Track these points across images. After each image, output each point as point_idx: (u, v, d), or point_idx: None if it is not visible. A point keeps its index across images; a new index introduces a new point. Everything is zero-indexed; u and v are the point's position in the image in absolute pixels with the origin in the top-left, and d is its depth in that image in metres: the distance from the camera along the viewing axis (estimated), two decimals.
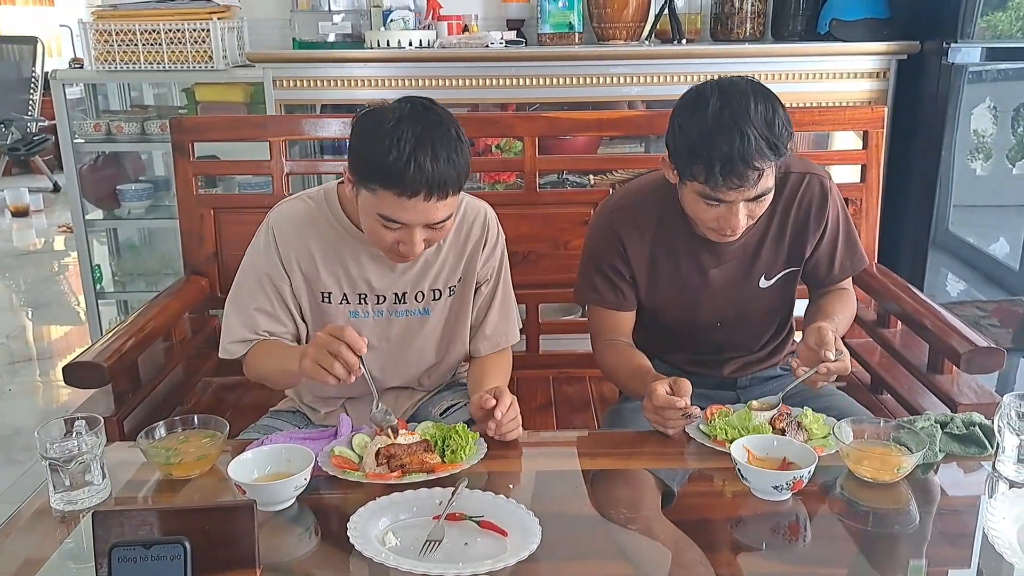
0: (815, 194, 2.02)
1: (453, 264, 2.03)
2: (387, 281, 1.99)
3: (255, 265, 1.98)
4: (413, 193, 1.70)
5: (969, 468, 1.69)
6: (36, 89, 7.77)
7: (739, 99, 1.75)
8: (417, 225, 1.77)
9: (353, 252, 1.96)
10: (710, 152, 1.73)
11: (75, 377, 2.02)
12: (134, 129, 3.85)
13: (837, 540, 1.50)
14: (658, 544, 1.50)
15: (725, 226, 1.84)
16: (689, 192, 1.84)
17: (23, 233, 7.55)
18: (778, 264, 2.05)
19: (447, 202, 1.76)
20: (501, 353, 2.12)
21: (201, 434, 1.72)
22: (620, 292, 2.06)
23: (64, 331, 5.26)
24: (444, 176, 1.71)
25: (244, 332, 1.96)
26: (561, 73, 3.35)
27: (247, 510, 1.32)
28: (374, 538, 1.43)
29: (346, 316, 1.99)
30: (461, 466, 1.64)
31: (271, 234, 1.96)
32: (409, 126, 1.70)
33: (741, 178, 1.73)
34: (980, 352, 1.99)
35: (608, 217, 2.06)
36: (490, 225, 2.06)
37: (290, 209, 2.00)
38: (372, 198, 1.75)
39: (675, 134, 1.83)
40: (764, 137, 1.72)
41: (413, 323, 2.04)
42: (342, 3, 3.65)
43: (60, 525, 1.52)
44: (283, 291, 1.97)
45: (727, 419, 1.78)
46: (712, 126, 1.73)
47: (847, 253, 2.09)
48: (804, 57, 3.32)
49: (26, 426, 3.84)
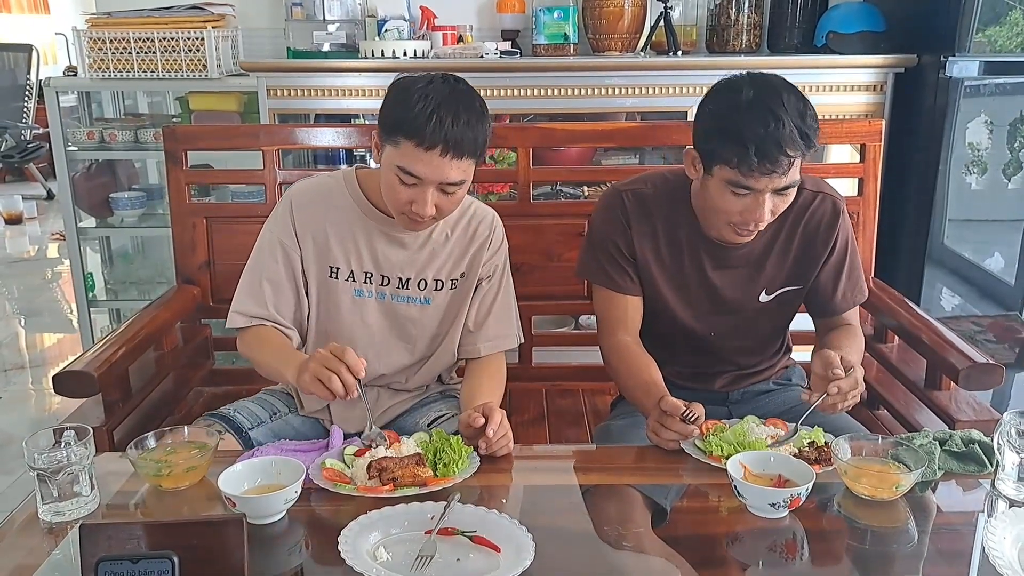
0: (827, 213, 2.02)
1: (458, 257, 2.08)
2: (395, 263, 2.05)
3: (271, 233, 2.06)
4: (431, 145, 1.79)
5: (968, 486, 1.67)
6: (31, 96, 7.75)
7: (772, 88, 1.79)
8: (431, 183, 1.84)
9: (366, 230, 2.03)
10: (745, 135, 1.74)
11: (65, 386, 2.00)
12: (127, 137, 3.84)
13: (834, 558, 1.49)
14: (651, 562, 1.48)
15: (749, 219, 1.84)
16: (716, 182, 1.84)
17: (16, 240, 7.53)
18: (780, 279, 2.04)
19: (462, 164, 1.84)
20: (496, 365, 2.12)
21: (191, 445, 1.70)
22: (624, 273, 2.05)
23: (56, 339, 5.24)
24: (463, 135, 1.80)
25: (250, 305, 2.03)
26: (556, 84, 3.35)
27: (236, 524, 1.30)
28: (365, 553, 1.41)
29: (351, 293, 2.05)
30: (454, 480, 1.63)
31: (288, 204, 2.05)
32: (438, 87, 1.83)
33: (774, 163, 1.74)
34: (979, 368, 1.98)
35: (618, 196, 2.06)
36: (496, 227, 2.13)
37: (310, 183, 2.11)
38: (394, 151, 1.84)
39: (706, 120, 1.85)
40: (797, 126, 1.74)
41: (412, 311, 2.08)
42: (336, 13, 3.66)
43: (48, 536, 1.50)
44: (293, 261, 2.04)
45: (722, 435, 1.76)
46: (747, 110, 1.76)
47: (850, 282, 2.08)
48: (801, 70, 3.31)
49: (17, 434, 3.82)
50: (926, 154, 3.28)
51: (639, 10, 3.55)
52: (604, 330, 2.10)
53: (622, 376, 2.04)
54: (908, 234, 3.39)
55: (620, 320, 2.07)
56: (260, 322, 2.02)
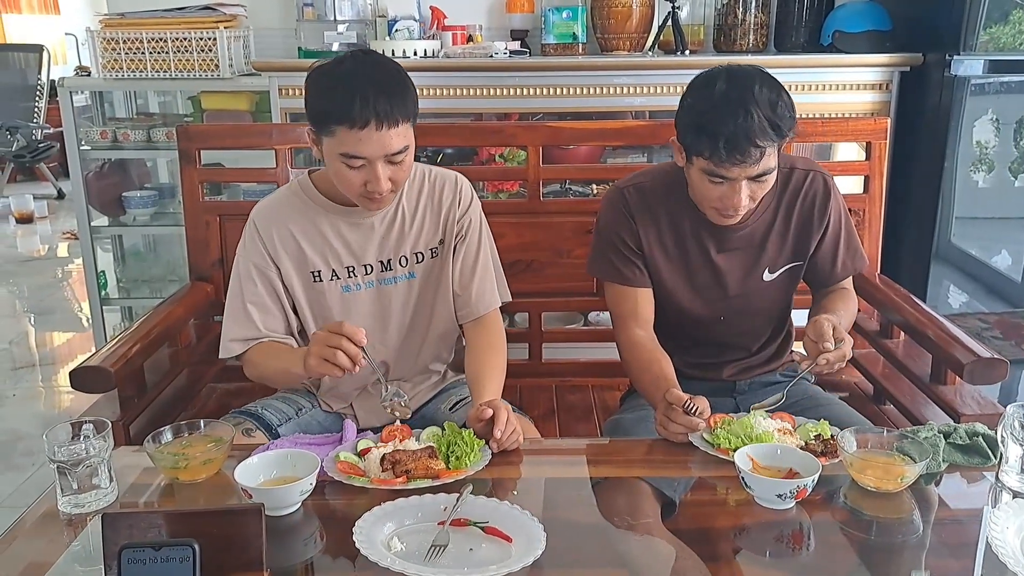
0: (819, 190, 2.08)
1: (431, 226, 2.11)
2: (371, 249, 2.07)
3: (244, 259, 2.08)
4: (364, 123, 1.81)
5: (972, 478, 1.69)
6: (41, 97, 7.80)
7: (745, 81, 1.84)
8: (377, 159, 1.86)
9: (333, 225, 2.06)
10: (715, 128, 1.80)
11: (82, 381, 2.03)
12: (140, 137, 3.88)
13: (840, 549, 1.51)
14: (660, 553, 1.50)
15: (728, 205, 1.90)
16: (695, 171, 1.91)
17: (27, 239, 7.57)
18: (782, 257, 2.09)
19: (399, 131, 1.86)
20: (493, 328, 2.15)
21: (207, 439, 1.72)
22: (633, 267, 2.08)
23: (67, 337, 5.26)
24: (391, 104, 1.82)
25: (240, 330, 2.04)
26: (564, 83, 3.37)
27: (255, 513, 1.33)
28: (379, 543, 1.43)
29: (340, 293, 2.07)
30: (466, 472, 1.65)
31: (253, 227, 2.08)
32: (350, 67, 1.87)
33: (744, 154, 1.80)
34: (983, 363, 2.00)
35: (620, 193, 2.11)
36: (461, 186, 2.15)
37: (268, 201, 2.12)
38: (332, 141, 1.87)
39: (684, 113, 1.91)
40: (767, 117, 1.80)
41: (402, 289, 2.11)
42: (347, 12, 3.67)
43: (67, 528, 1.52)
44: (273, 281, 2.05)
45: (729, 427, 1.78)
46: (719, 104, 1.82)
47: (848, 252, 2.14)
48: (807, 68, 3.33)
49: (28, 431, 3.84)
50: (932, 152, 3.29)
51: (647, 10, 3.57)
52: (618, 325, 2.13)
53: (635, 371, 2.07)
54: (914, 232, 3.39)
55: (632, 313, 2.09)
56: (256, 341, 2.04)
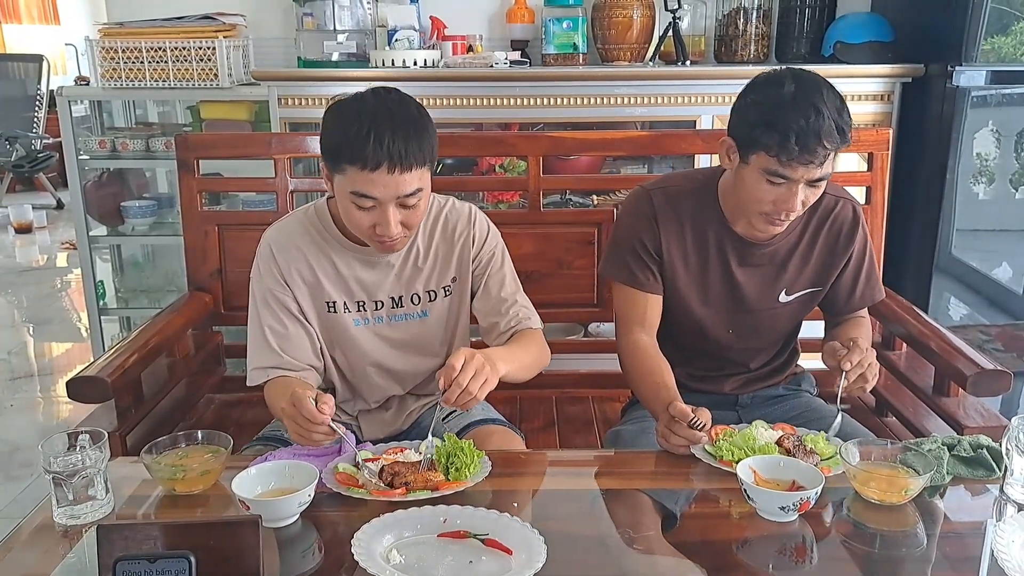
0: (848, 218, 2.06)
1: (444, 263, 2.06)
2: (383, 287, 2.03)
3: (259, 284, 2.02)
4: (376, 165, 1.75)
5: (976, 491, 1.68)
6: (41, 107, 7.80)
7: (813, 84, 1.84)
8: (388, 201, 1.80)
9: (345, 260, 2.00)
10: (787, 124, 1.78)
11: (78, 392, 2.01)
12: (139, 146, 3.86)
13: (843, 562, 1.50)
14: (661, 565, 1.49)
15: (782, 208, 1.87)
16: (752, 171, 1.87)
17: (26, 249, 7.56)
18: (801, 281, 2.07)
19: (413, 175, 1.79)
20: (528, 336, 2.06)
21: (204, 449, 1.71)
22: (648, 271, 2.06)
23: (66, 347, 5.25)
24: (406, 147, 1.76)
25: (259, 358, 1.99)
26: (565, 93, 3.36)
27: (252, 525, 1.32)
28: (378, 555, 1.42)
29: (351, 324, 2.03)
30: (465, 484, 1.64)
31: (269, 250, 2.01)
32: (369, 105, 1.79)
33: (812, 153, 1.79)
34: (987, 375, 1.99)
35: (646, 195, 2.08)
36: (475, 219, 2.08)
37: (283, 225, 2.05)
38: (344, 179, 1.81)
39: (746, 110, 1.89)
40: (835, 120, 1.80)
41: (413, 326, 2.07)
42: (347, 22, 3.67)
43: (63, 540, 1.51)
44: (289, 306, 2.00)
45: (732, 439, 1.77)
46: (789, 102, 1.81)
47: (868, 283, 2.12)
48: None
49: (26, 442, 3.83)
50: (933, 163, 3.28)
51: (648, 20, 3.56)
52: (622, 329, 2.11)
53: (635, 377, 2.05)
54: (916, 243, 3.39)
55: (639, 318, 2.07)
56: (277, 372, 1.97)
